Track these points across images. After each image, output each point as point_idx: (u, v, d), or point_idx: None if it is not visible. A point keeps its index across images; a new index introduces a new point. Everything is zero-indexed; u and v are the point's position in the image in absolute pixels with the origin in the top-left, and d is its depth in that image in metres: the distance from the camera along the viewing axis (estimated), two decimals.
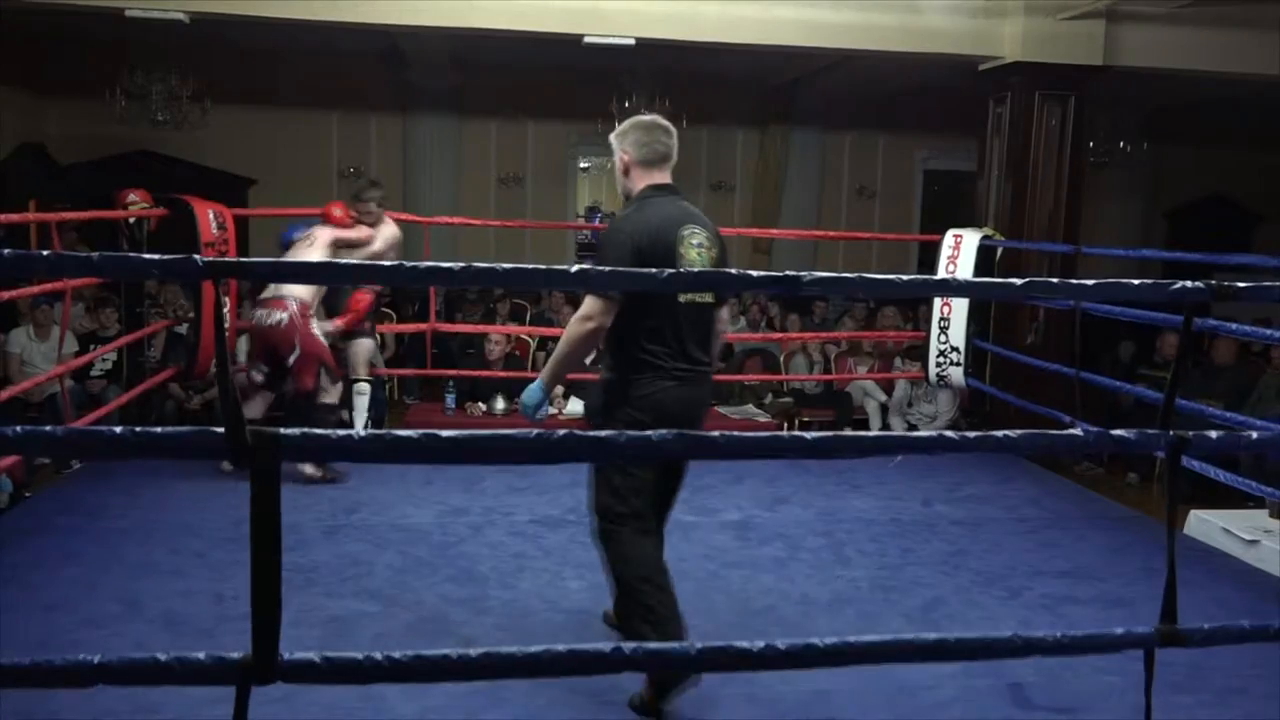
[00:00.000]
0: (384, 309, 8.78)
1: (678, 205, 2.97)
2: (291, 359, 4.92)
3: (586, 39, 6.51)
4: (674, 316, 2.87)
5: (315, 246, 5.07)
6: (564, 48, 7.02)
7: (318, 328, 5.05)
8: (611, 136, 3.06)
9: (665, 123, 3.01)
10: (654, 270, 1.89)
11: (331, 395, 5.05)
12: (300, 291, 4.94)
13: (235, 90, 9.69)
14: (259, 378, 5.16)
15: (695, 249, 2.89)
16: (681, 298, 2.86)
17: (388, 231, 5.47)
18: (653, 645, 1.39)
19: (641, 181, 2.98)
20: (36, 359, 6.23)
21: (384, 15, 6.28)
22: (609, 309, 2.81)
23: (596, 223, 12.95)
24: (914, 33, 6.62)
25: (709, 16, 6.47)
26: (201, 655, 1.32)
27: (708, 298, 2.95)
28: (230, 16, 6.27)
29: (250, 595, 1.31)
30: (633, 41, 6.69)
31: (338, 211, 5.30)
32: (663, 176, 2.99)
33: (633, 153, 2.97)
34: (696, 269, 2.83)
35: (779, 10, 6.49)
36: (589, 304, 2.84)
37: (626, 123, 3.04)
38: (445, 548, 4.20)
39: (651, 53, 8.28)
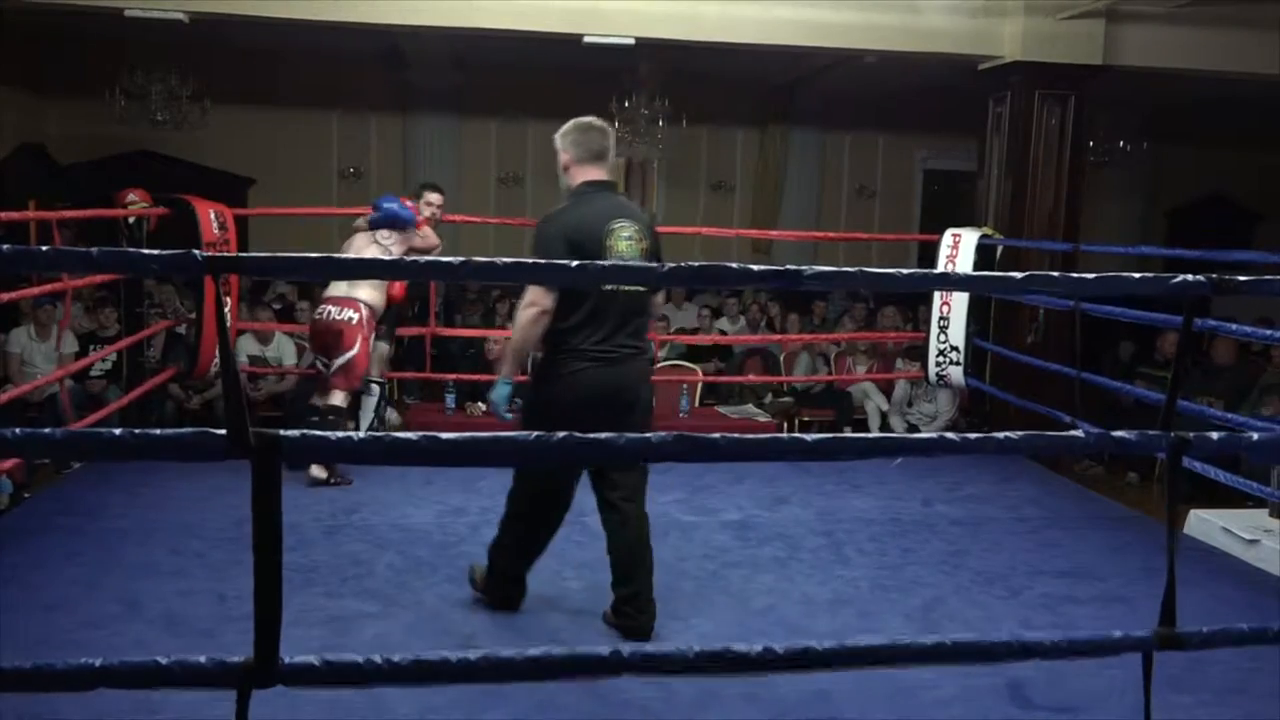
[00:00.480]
0: None
1: (611, 200, 3.24)
2: (342, 359, 4.91)
3: (586, 39, 6.51)
4: (599, 304, 3.10)
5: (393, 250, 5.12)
6: (564, 48, 7.02)
7: (373, 339, 5.07)
8: (555, 136, 3.29)
9: (601, 124, 3.26)
10: (654, 266, 1.90)
11: (339, 399, 5.03)
12: (372, 298, 4.98)
13: (235, 90, 9.70)
14: (323, 369, 5.15)
15: (625, 240, 3.13)
16: (608, 286, 3.04)
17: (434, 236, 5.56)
18: (650, 648, 1.39)
19: (578, 178, 3.24)
20: (37, 359, 6.24)
21: (384, 15, 6.29)
22: (549, 294, 3.07)
23: None
24: (914, 32, 6.62)
25: (709, 16, 6.47)
26: (202, 659, 1.32)
27: (637, 286, 3.11)
28: (230, 16, 6.27)
29: (253, 598, 1.31)
30: (633, 41, 6.69)
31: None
32: (598, 173, 3.24)
33: (570, 151, 3.24)
34: (627, 259, 3.10)
35: (779, 10, 6.48)
36: (531, 291, 3.09)
37: (567, 124, 3.28)
38: (445, 548, 4.19)
39: (652, 53, 8.29)
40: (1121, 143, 10.26)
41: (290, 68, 9.73)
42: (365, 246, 5.17)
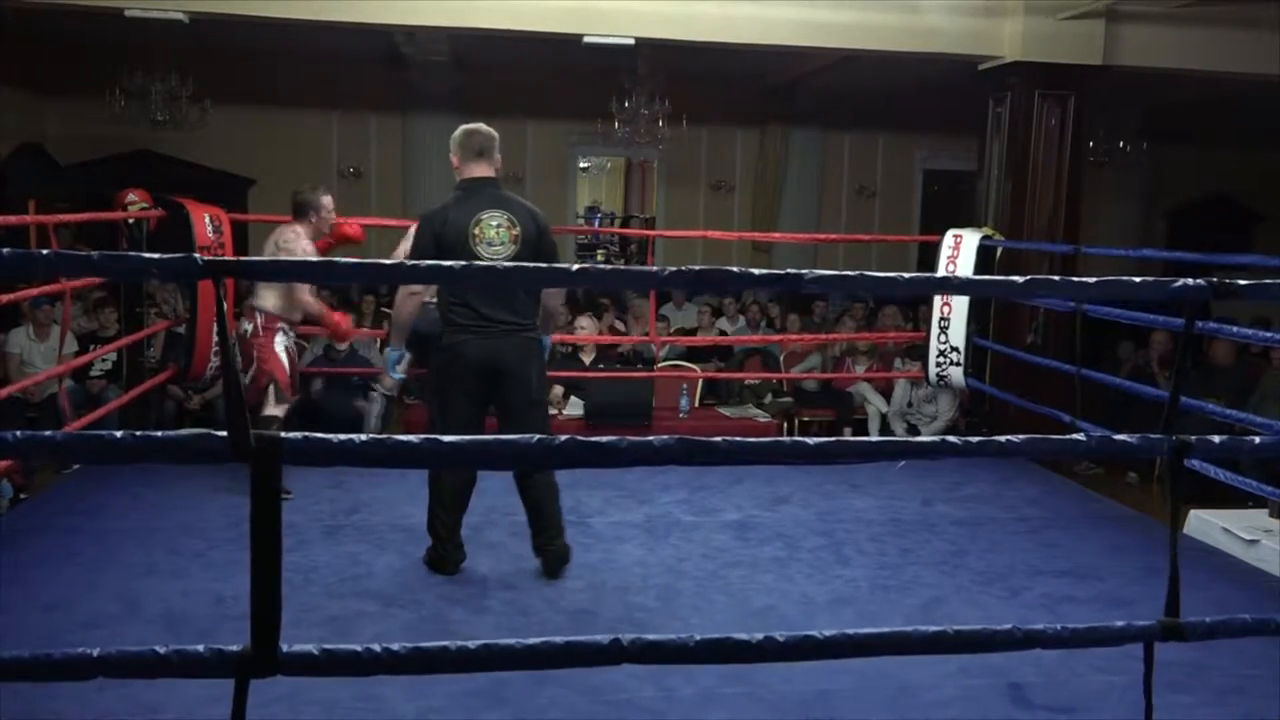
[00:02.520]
0: (383, 310, 8.79)
1: (487, 194, 3.65)
2: (248, 374, 4.75)
3: (586, 39, 6.51)
4: (481, 287, 3.49)
5: None
6: (564, 47, 7.02)
7: (282, 342, 4.81)
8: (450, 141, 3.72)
9: (486, 128, 3.70)
10: (656, 270, 1.89)
11: (274, 409, 4.78)
12: (268, 303, 4.76)
13: (235, 90, 9.70)
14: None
15: (493, 229, 3.60)
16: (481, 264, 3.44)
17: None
18: (650, 638, 1.39)
19: (461, 175, 3.70)
20: (36, 359, 6.23)
21: (384, 15, 6.28)
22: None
23: (596, 222, 12.97)
24: (914, 32, 6.62)
25: (709, 16, 6.47)
26: (201, 648, 1.33)
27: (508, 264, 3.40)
28: (230, 16, 6.26)
29: (250, 589, 1.31)
30: (632, 41, 6.69)
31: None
32: (481, 170, 3.69)
33: (457, 153, 3.70)
34: (496, 245, 3.58)
35: (778, 10, 6.48)
36: None
37: (457, 130, 3.73)
38: None
39: (651, 52, 8.29)
40: (1121, 143, 10.26)
41: (290, 68, 9.73)
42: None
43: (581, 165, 12.45)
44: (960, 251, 6.17)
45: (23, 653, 1.40)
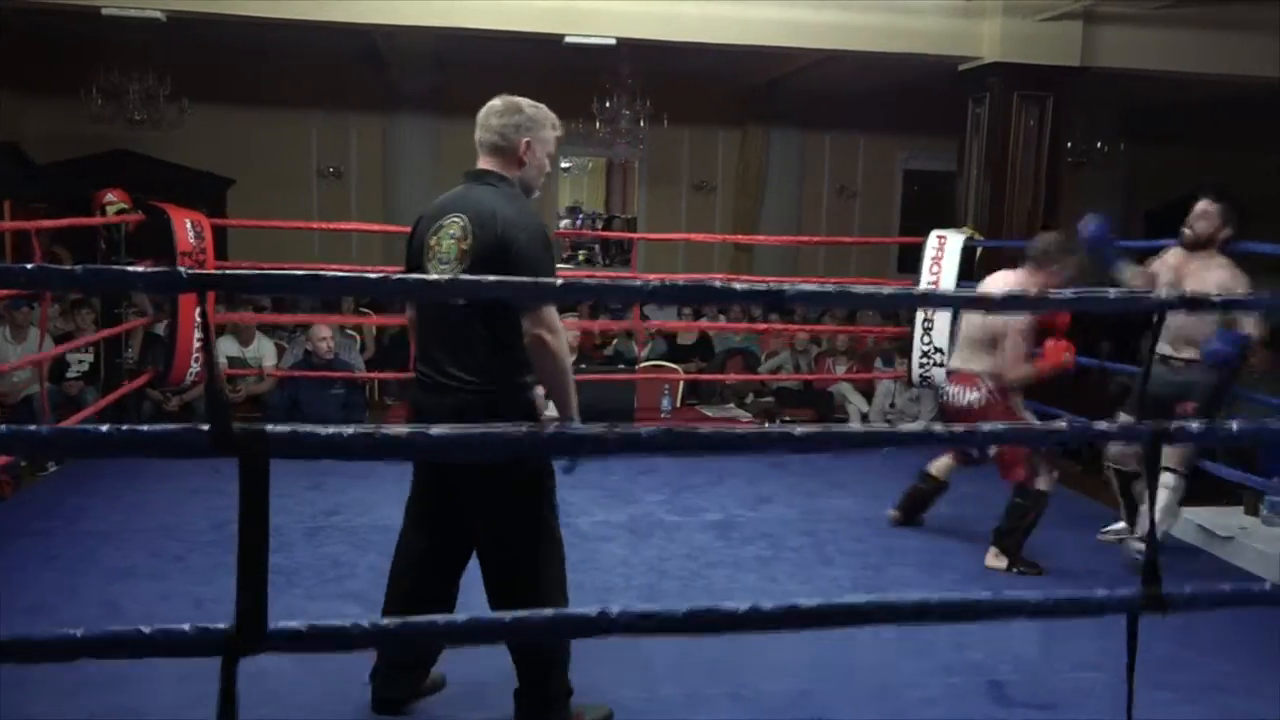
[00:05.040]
0: (363, 309, 8.76)
1: (462, 192, 2.68)
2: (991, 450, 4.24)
3: (567, 39, 6.51)
4: (424, 319, 2.66)
5: None
6: (545, 48, 7.01)
7: (1023, 407, 4.22)
8: None
9: (494, 103, 2.77)
10: (640, 283, 1.89)
11: (1046, 485, 4.18)
12: (994, 364, 4.08)
13: (214, 90, 9.62)
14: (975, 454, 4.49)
15: (448, 239, 2.55)
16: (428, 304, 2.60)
17: None
18: (639, 609, 1.39)
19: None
20: (13, 361, 6.16)
21: (365, 15, 6.26)
22: (411, 309, 2.81)
23: (578, 222, 12.96)
24: (893, 33, 6.65)
25: (689, 16, 6.48)
26: (186, 626, 1.31)
27: (456, 300, 2.50)
28: (209, 15, 6.22)
29: (237, 569, 1.30)
30: (614, 41, 6.69)
31: None
32: (481, 162, 2.72)
33: None
34: (444, 264, 2.53)
35: (759, 10, 6.50)
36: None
37: None
38: None
39: (632, 53, 8.29)
40: (1099, 144, 10.34)
41: (270, 67, 9.67)
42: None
43: (563, 165, 12.43)
44: (945, 252, 6.20)
45: (2, 631, 1.39)
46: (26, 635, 1.33)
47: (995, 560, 4.19)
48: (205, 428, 1.27)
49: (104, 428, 1.26)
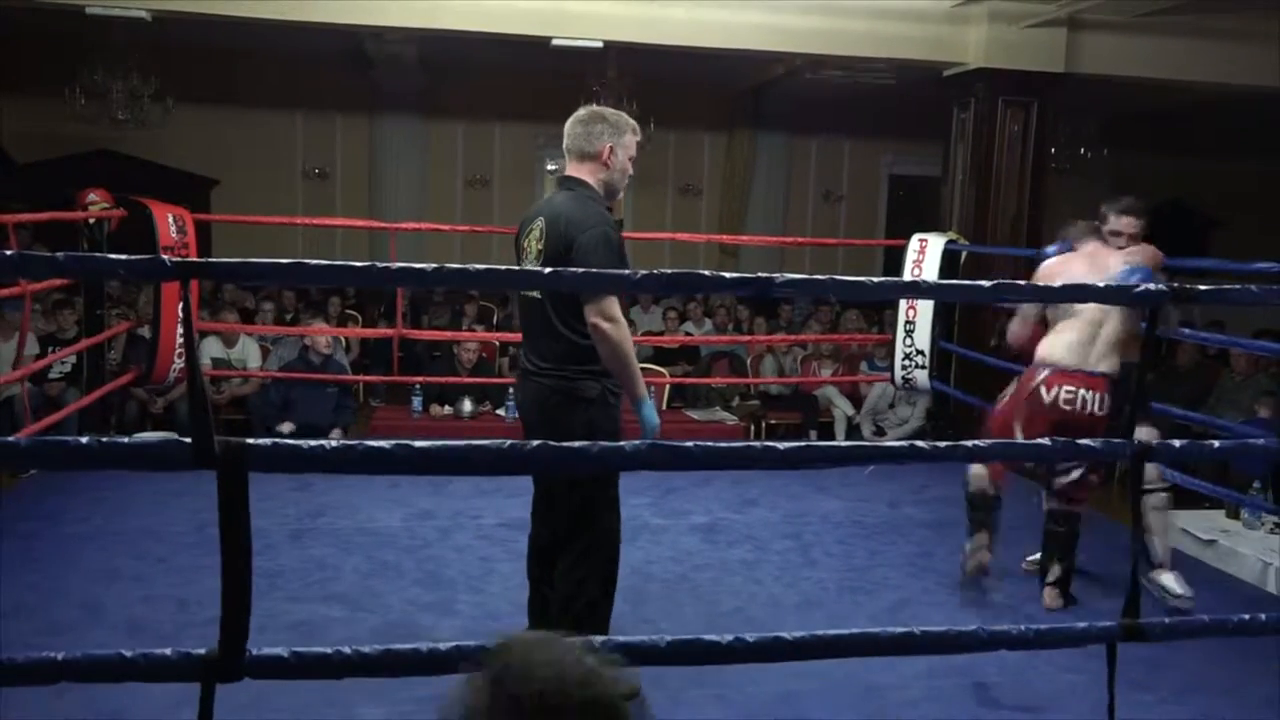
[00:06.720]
0: (349, 311, 8.72)
1: (549, 197, 2.96)
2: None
3: (554, 41, 6.50)
4: (521, 312, 2.97)
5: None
6: (532, 50, 7.00)
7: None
8: None
9: (579, 112, 2.92)
10: (628, 273, 1.90)
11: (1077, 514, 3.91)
12: (1112, 366, 3.63)
13: (198, 89, 9.58)
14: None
15: (534, 240, 2.85)
16: (522, 293, 2.96)
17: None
18: (621, 639, 1.39)
19: None
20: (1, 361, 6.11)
21: (350, 15, 6.23)
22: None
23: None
24: (879, 39, 6.68)
25: (676, 20, 6.48)
26: (168, 651, 1.31)
27: (534, 294, 2.82)
28: (193, 15, 6.18)
29: (221, 593, 1.30)
30: (601, 44, 6.69)
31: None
32: (569, 169, 2.91)
33: None
34: (529, 258, 2.85)
35: (746, 15, 6.51)
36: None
37: None
38: (412, 551, 4.17)
39: (619, 56, 8.29)
40: (1083, 150, 10.40)
41: (254, 67, 9.62)
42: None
43: (549, 168, 12.41)
44: (925, 256, 6.23)
45: None
46: (9, 659, 1.32)
47: (1054, 601, 3.84)
48: (187, 440, 1.27)
49: (85, 440, 1.26)
